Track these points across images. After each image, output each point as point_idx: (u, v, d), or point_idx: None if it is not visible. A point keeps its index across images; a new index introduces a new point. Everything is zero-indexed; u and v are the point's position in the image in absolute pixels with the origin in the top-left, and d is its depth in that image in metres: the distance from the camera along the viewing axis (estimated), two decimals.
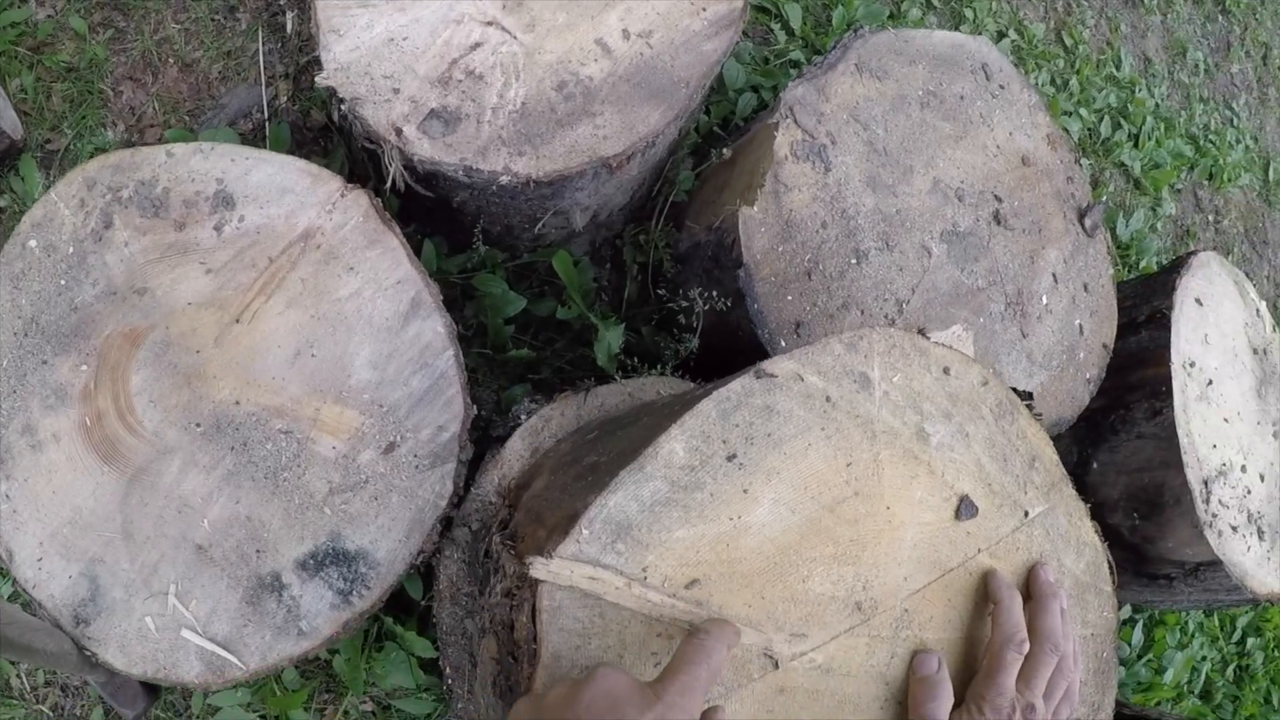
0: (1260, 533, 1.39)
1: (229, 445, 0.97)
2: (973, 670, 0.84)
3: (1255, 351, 1.49)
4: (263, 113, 1.27)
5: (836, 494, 0.78)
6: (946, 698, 0.80)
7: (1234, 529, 1.34)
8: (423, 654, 1.12)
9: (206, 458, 0.97)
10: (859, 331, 0.80)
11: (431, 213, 1.14)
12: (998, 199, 1.24)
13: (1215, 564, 1.33)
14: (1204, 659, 1.75)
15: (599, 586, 0.70)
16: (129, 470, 0.95)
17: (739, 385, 0.76)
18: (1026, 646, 0.82)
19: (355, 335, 0.99)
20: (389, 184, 1.03)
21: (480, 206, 1.11)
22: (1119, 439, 1.38)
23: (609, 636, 0.71)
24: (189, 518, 0.96)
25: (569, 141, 1.04)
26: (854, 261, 1.10)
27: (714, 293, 1.05)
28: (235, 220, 1.00)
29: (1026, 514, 0.87)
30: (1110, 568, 0.95)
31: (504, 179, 1.02)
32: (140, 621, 0.96)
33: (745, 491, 0.75)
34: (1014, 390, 0.89)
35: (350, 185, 1.01)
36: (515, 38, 1.06)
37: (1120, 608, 1.66)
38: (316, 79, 1.02)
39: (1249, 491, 1.38)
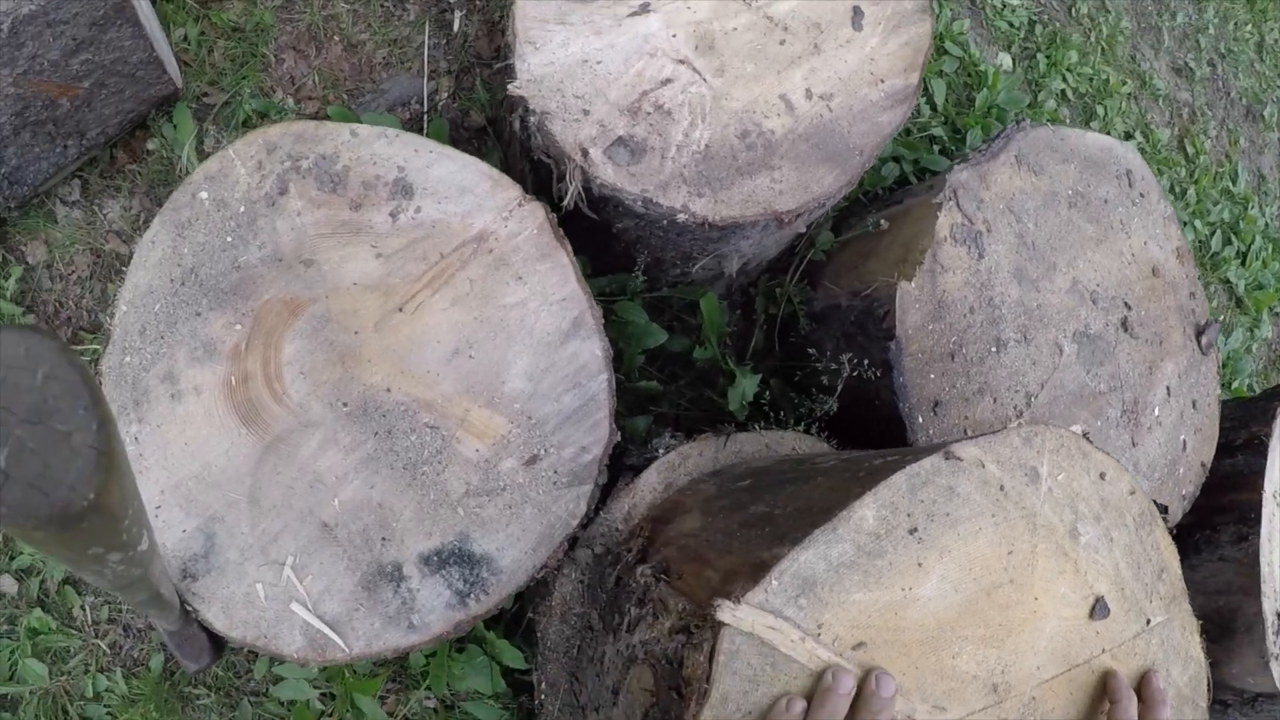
0: None
1: (373, 430, 0.97)
2: None
3: None
4: (422, 105, 1.28)
5: (995, 579, 0.80)
6: None
7: None
8: (511, 663, 1.12)
9: (348, 438, 0.97)
10: (1034, 428, 0.82)
11: (588, 234, 1.15)
12: (1128, 306, 1.26)
13: (1273, 696, 1.34)
14: None
15: (776, 637, 0.71)
16: (267, 436, 0.96)
17: (929, 464, 0.77)
18: None
19: (515, 344, 1.00)
20: (565, 202, 1.04)
21: (641, 237, 1.12)
22: (1201, 558, 1.39)
23: (776, 685, 0.72)
24: (320, 494, 0.96)
25: (747, 190, 1.06)
26: (994, 349, 1.11)
27: (864, 360, 1.06)
28: (412, 210, 1.01)
29: (1149, 622, 0.89)
30: (1209, 687, 0.96)
31: (681, 217, 1.04)
32: (250, 587, 0.95)
33: (920, 565, 0.77)
34: (1155, 502, 0.91)
35: (528, 196, 1.02)
36: (705, 80, 1.08)
37: None
38: (509, 87, 1.03)
39: None
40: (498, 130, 1.30)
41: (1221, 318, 2.14)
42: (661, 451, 1.00)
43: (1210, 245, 2.19)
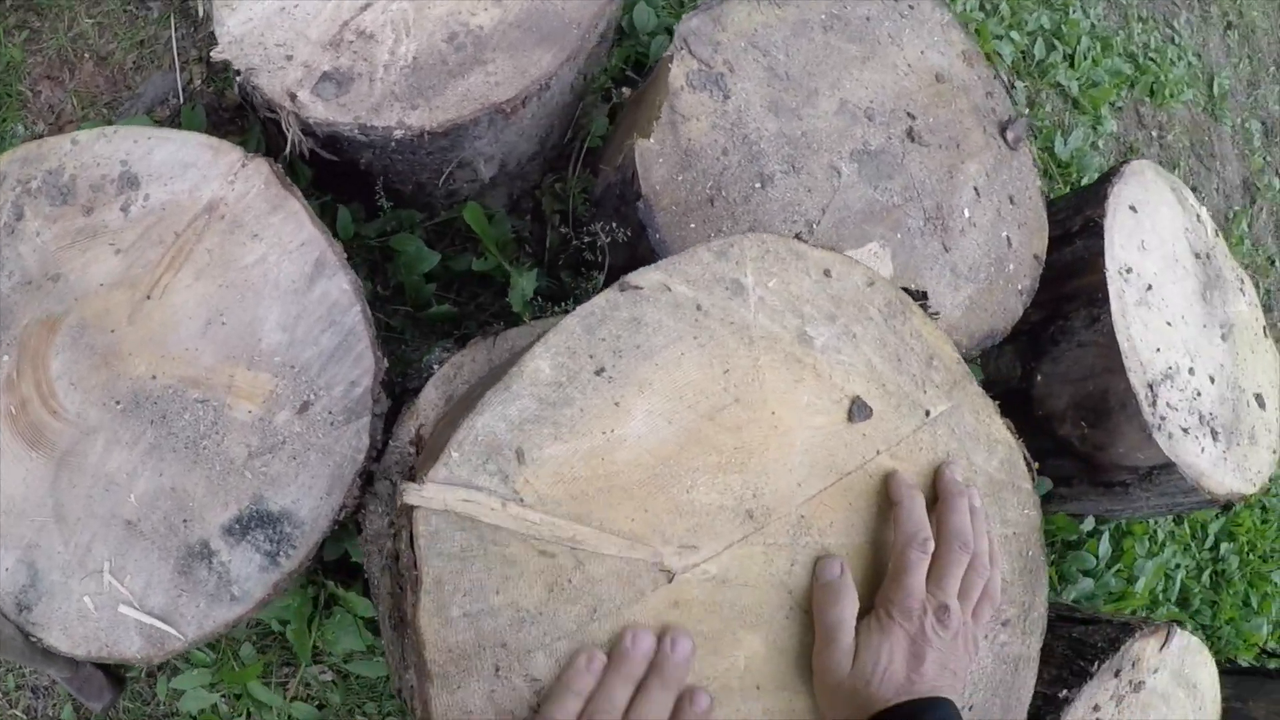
0: (1214, 434, 1.38)
1: (149, 419, 0.99)
2: (882, 576, 0.84)
3: (1197, 256, 1.47)
4: (178, 98, 1.29)
5: (715, 402, 0.78)
6: (851, 602, 0.80)
7: (1185, 431, 1.33)
8: (364, 614, 1.14)
9: (128, 434, 0.99)
10: (729, 239, 0.80)
11: (346, 179, 1.15)
12: (911, 116, 1.23)
13: (1168, 467, 1.32)
14: (1177, 566, 1.73)
15: (475, 509, 0.71)
16: (56, 454, 0.98)
17: (603, 299, 0.76)
18: (931, 545, 0.81)
19: (263, 300, 1.01)
20: (289, 149, 1.04)
21: (385, 165, 1.12)
22: (1060, 349, 1.37)
23: (490, 559, 0.72)
24: (116, 494, 0.98)
25: (461, 90, 1.05)
26: (759, 186, 1.10)
27: (614, 225, 1.05)
28: (141, 199, 1.01)
29: (928, 413, 0.87)
30: (1028, 464, 0.94)
31: (398, 133, 1.03)
32: (79, 602, 0.98)
33: (617, 405, 0.76)
34: (906, 290, 0.89)
35: (251, 155, 1.02)
36: None
37: (1082, 520, 1.64)
38: (212, 54, 1.03)
39: (1199, 394, 1.37)
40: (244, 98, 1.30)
41: (1045, 118, 2.08)
42: (436, 366, 1.01)
43: (1034, 54, 2.13)
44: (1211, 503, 1.37)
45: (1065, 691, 1.08)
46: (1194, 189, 2.07)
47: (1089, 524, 1.61)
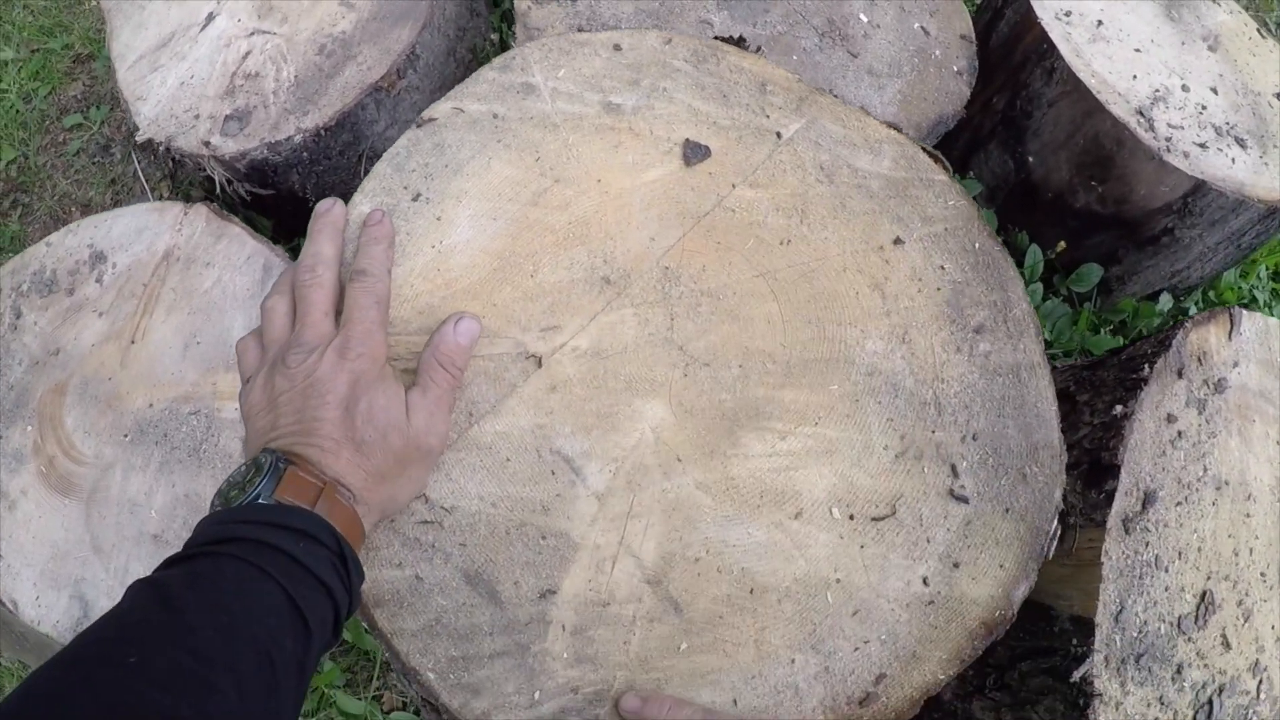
0: (1241, 141, 1.22)
1: (154, 441, 1.10)
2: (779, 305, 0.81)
3: None
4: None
5: (534, 188, 0.79)
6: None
7: (1203, 147, 1.19)
8: None
9: (140, 459, 1.10)
10: (509, 53, 0.84)
11: (287, 208, 1.27)
12: None
13: (1201, 188, 1.17)
14: None
15: None
16: (84, 495, 1.10)
17: (405, 140, 0.81)
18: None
19: (227, 312, 1.12)
20: (218, 189, 1.18)
21: (315, 182, 1.23)
22: (1035, 120, 1.27)
23: None
24: (140, 514, 1.08)
25: (340, 85, 1.16)
26: None
27: None
28: (110, 268, 1.17)
29: (779, 135, 0.84)
30: (930, 154, 0.87)
31: (298, 138, 1.15)
32: None
33: (439, 219, 0.78)
34: (719, 39, 0.88)
35: (189, 205, 1.16)
36: (275, 34, 1.21)
37: (1157, 299, 1.44)
38: (136, 138, 1.20)
39: (1203, 108, 1.23)
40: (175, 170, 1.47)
41: None
42: None
43: None
44: (1272, 215, 1.20)
45: (1120, 408, 0.94)
46: None
47: (1166, 302, 1.42)
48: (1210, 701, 0.90)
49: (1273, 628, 0.94)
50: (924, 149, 0.88)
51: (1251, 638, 0.92)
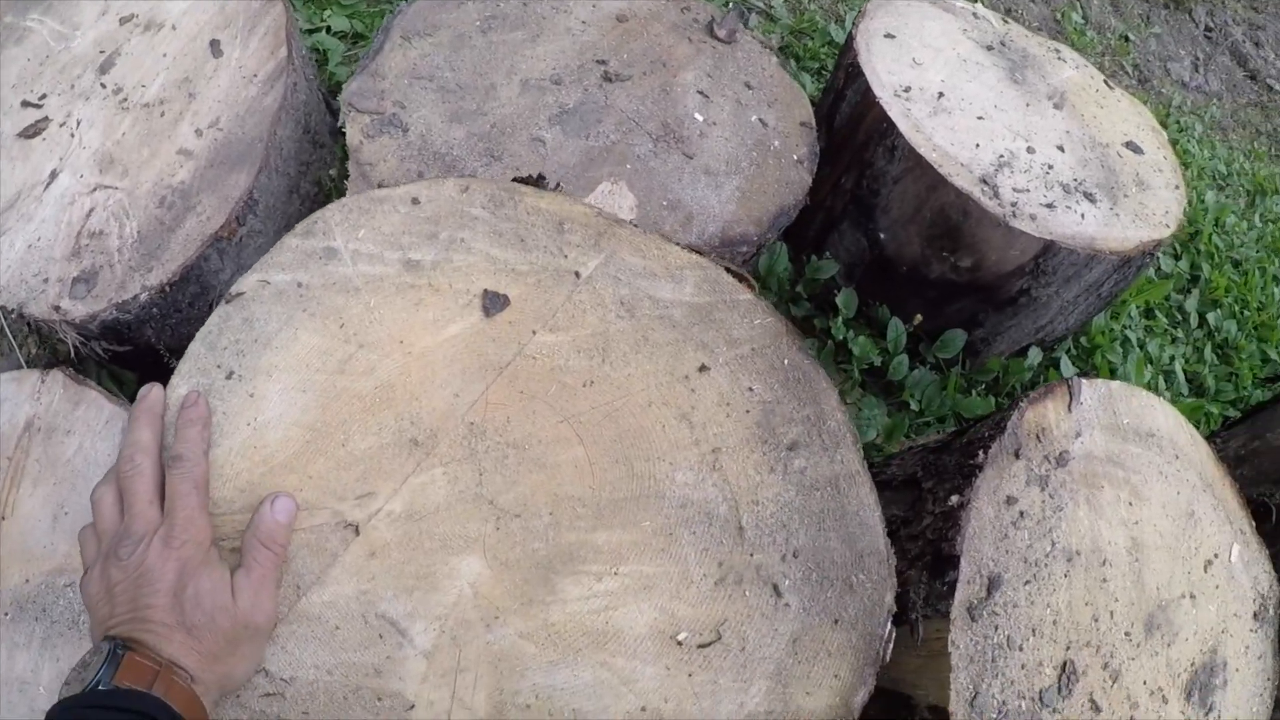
0: (1090, 196, 1.26)
1: (34, 617, 1.10)
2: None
3: (990, 48, 1.40)
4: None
5: (340, 356, 0.81)
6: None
7: (1050, 207, 1.23)
8: None
9: (22, 636, 1.10)
10: (311, 216, 0.86)
11: (147, 361, 1.29)
12: (602, 63, 1.27)
13: (1050, 248, 1.21)
14: (1172, 358, 1.51)
15: None
16: None
17: (216, 317, 0.83)
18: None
19: (91, 479, 1.12)
20: (71, 352, 1.19)
21: (170, 335, 1.25)
22: (882, 197, 1.31)
23: None
24: (28, 692, 1.09)
25: (181, 238, 1.18)
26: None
27: None
28: None
29: (578, 275, 0.87)
30: (734, 273, 0.90)
31: (143, 296, 1.16)
32: None
33: (251, 395, 0.80)
34: (518, 179, 0.90)
35: (45, 371, 1.17)
36: (117, 188, 1.23)
37: (1026, 355, 1.49)
38: None
39: (1050, 167, 1.27)
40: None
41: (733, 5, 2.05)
42: None
43: None
44: (1128, 264, 1.24)
45: (956, 497, 0.97)
46: (1008, 10, 1.95)
47: (1035, 355, 1.46)
48: None
49: (1144, 682, 0.96)
50: (728, 269, 0.91)
51: (1123, 696, 0.95)
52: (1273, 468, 1.17)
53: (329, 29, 1.76)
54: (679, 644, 0.79)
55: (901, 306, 1.39)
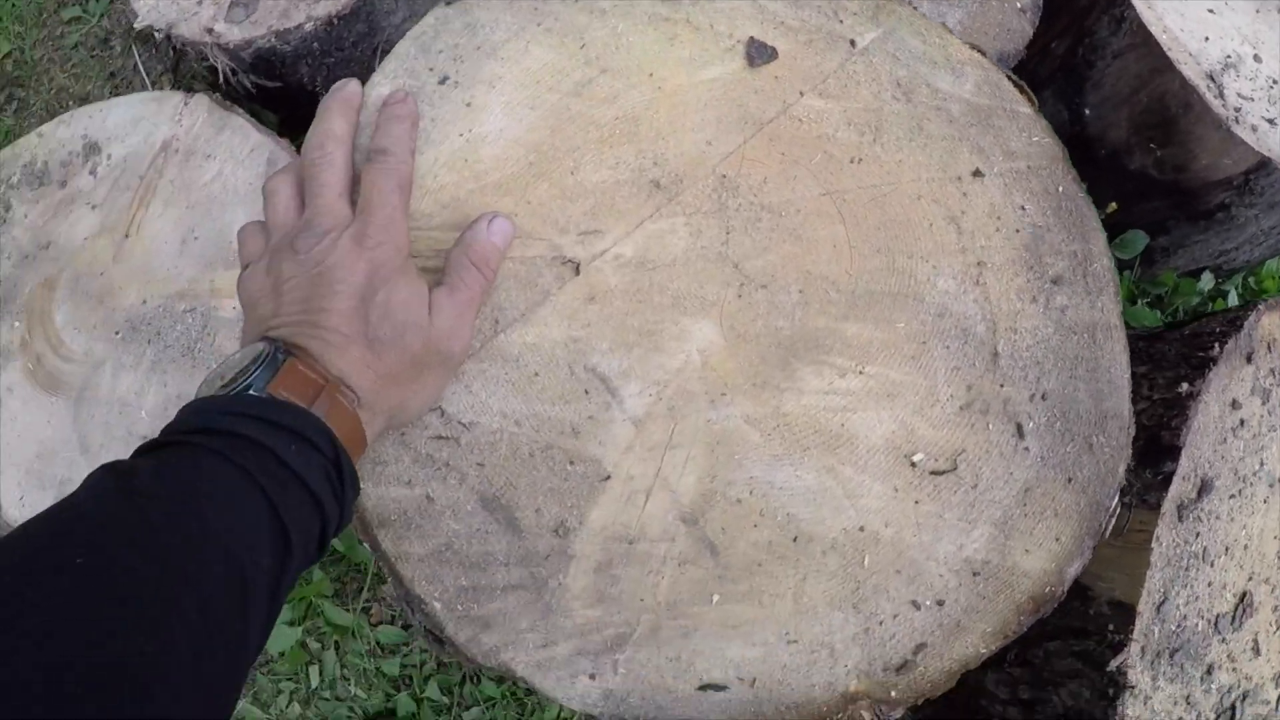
0: None
1: (146, 339, 1.02)
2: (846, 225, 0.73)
3: None
4: None
5: (578, 77, 0.71)
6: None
7: (1272, 122, 1.11)
8: None
9: (130, 357, 1.02)
10: None
11: (305, 111, 1.19)
12: None
13: (1265, 167, 1.10)
14: None
15: None
16: (73, 393, 1.03)
17: (432, 18, 0.72)
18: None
19: (228, 207, 1.04)
20: (221, 79, 1.09)
21: (325, 79, 1.15)
22: (1098, 71, 1.19)
23: None
24: (130, 414, 1.01)
25: None
26: None
27: None
28: (105, 160, 1.08)
29: (853, 43, 0.76)
30: (1016, 84, 0.79)
31: (308, 26, 1.06)
32: None
33: (469, 105, 0.70)
34: None
35: (190, 94, 1.07)
36: None
37: (1199, 277, 1.37)
38: (136, 26, 1.10)
39: (1275, 82, 1.15)
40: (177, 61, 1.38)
41: None
42: None
43: None
44: None
45: (1186, 386, 0.88)
46: None
47: (1207, 281, 1.35)
48: (1233, 707, 0.86)
49: None
50: (1009, 77, 0.80)
51: (1279, 647, 0.88)
52: None
53: None
54: (912, 465, 0.70)
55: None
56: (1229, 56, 1.13)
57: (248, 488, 0.54)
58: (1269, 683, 0.85)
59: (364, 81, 0.71)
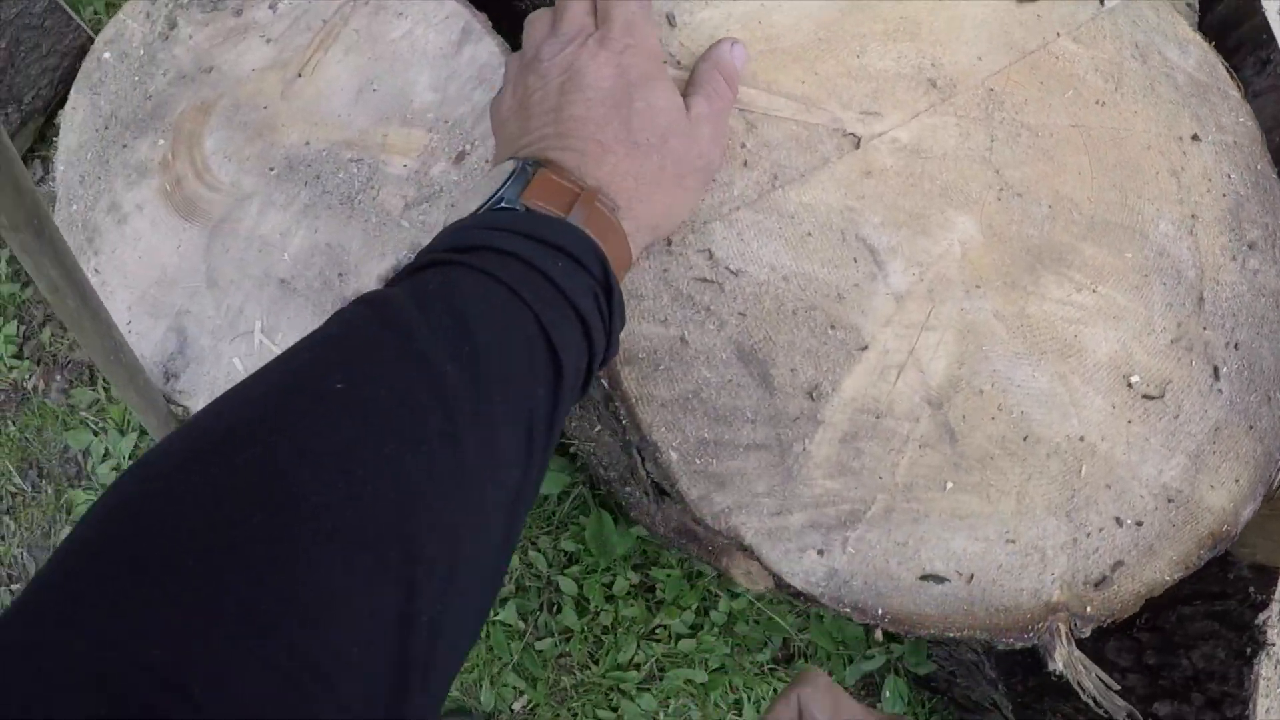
0: None
1: (303, 181, 1.00)
2: (1089, 160, 0.78)
3: None
4: None
5: None
6: None
7: None
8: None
9: (282, 196, 0.99)
10: None
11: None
12: None
13: None
14: None
15: None
16: (210, 222, 0.99)
17: None
18: None
19: (413, 67, 1.02)
20: None
21: None
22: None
23: None
24: (270, 255, 0.98)
25: None
26: None
27: None
28: None
29: (1102, 3, 0.82)
30: (1228, 70, 0.87)
31: None
32: (229, 364, 0.96)
33: None
34: None
35: None
36: None
37: None
38: None
39: None
40: None
41: None
42: None
43: None
44: None
45: None
46: None
47: None
48: None
49: None
50: (1223, 64, 0.87)
51: None
52: None
53: None
54: (1129, 386, 0.74)
55: None
56: None
57: (518, 309, 0.48)
58: None
59: None
